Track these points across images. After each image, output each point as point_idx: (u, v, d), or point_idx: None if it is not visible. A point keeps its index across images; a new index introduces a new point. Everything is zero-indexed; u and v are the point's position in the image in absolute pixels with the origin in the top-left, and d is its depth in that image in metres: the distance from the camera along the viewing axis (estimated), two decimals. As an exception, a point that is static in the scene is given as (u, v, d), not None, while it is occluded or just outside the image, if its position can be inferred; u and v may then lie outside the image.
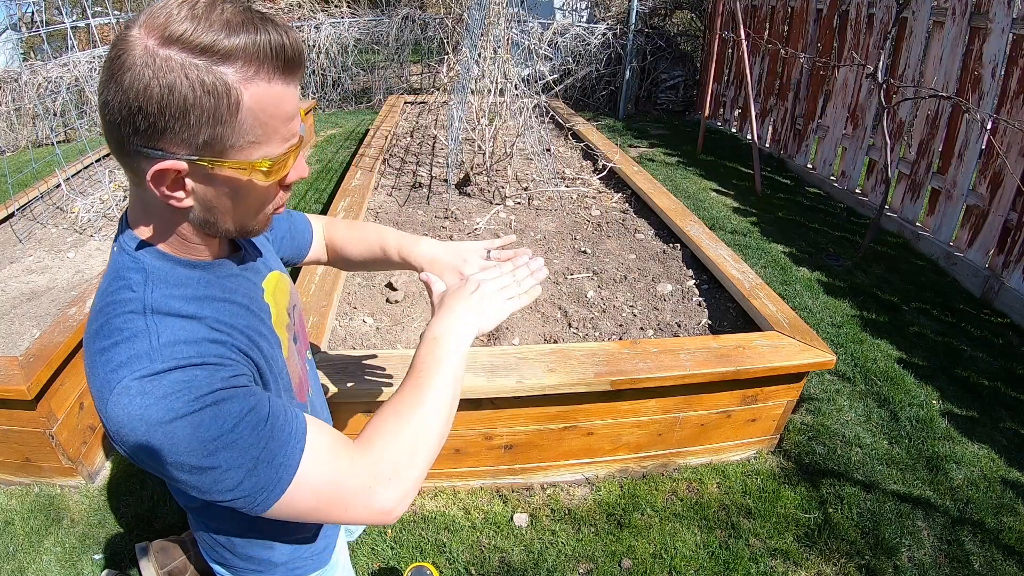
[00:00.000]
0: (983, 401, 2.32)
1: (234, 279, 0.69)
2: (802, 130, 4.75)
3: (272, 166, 0.57)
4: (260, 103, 0.53)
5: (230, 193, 0.58)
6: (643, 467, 1.94)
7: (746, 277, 2.24)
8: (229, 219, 0.61)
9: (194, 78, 0.50)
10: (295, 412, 0.63)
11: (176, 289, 0.61)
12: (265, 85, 0.53)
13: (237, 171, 0.56)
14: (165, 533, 1.69)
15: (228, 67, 0.51)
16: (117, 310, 0.58)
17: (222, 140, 0.54)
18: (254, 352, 0.65)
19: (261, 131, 0.55)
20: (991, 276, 3.02)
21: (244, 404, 0.58)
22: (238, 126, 0.53)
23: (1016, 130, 2.87)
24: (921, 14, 3.50)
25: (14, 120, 5.09)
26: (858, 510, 1.84)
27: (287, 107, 0.56)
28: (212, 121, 0.52)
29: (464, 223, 2.89)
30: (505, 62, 3.23)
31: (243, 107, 0.53)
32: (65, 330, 1.81)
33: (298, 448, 0.60)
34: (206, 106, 0.51)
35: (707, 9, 6.36)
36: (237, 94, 0.52)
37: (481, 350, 1.75)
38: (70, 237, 2.65)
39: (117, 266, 0.62)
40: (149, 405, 0.54)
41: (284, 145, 0.58)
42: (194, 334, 0.59)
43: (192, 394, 0.55)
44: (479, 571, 1.64)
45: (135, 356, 0.55)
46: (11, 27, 6.46)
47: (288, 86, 0.55)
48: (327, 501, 0.61)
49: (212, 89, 0.51)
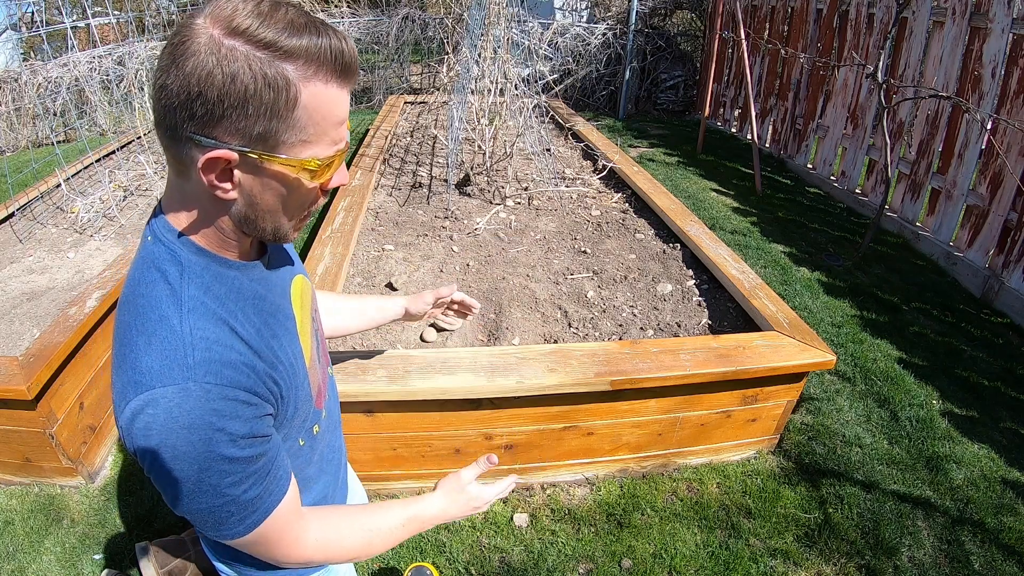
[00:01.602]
0: (983, 401, 2.32)
1: (264, 284, 0.69)
2: (802, 130, 4.75)
3: (320, 167, 0.58)
4: (316, 102, 0.55)
5: (275, 190, 0.59)
6: (643, 467, 1.94)
7: (746, 277, 2.24)
8: (268, 218, 0.62)
9: (256, 69, 0.51)
10: (286, 469, 0.67)
11: (212, 288, 0.62)
12: (322, 86, 0.55)
13: (286, 167, 0.57)
14: (165, 533, 1.69)
15: (289, 64, 0.52)
16: (152, 304, 0.59)
17: (276, 135, 0.55)
18: (279, 368, 0.66)
19: (313, 130, 0.56)
20: (991, 276, 3.02)
21: (251, 466, 0.60)
22: (293, 122, 0.54)
23: (1016, 130, 2.87)
24: (921, 14, 3.50)
25: (14, 120, 5.09)
26: (858, 510, 1.84)
27: (339, 111, 0.57)
28: (269, 114, 0.53)
29: (464, 223, 2.89)
30: (505, 62, 3.23)
31: (300, 104, 0.54)
32: (65, 330, 1.81)
33: (271, 507, 0.64)
34: (265, 98, 0.52)
35: (707, 9, 6.36)
36: (296, 91, 0.53)
37: (481, 350, 1.75)
38: (70, 237, 2.65)
39: (151, 256, 0.61)
40: (169, 429, 0.55)
41: (332, 148, 0.59)
42: (228, 352, 0.59)
43: (214, 440, 0.56)
44: (479, 571, 1.64)
45: (167, 366, 0.56)
46: (11, 27, 6.46)
47: (342, 90, 0.57)
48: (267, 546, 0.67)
49: (273, 82, 0.52)
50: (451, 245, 2.67)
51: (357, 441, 1.72)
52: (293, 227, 0.65)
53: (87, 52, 4.85)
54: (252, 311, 0.65)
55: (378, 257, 2.54)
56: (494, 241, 2.73)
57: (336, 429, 0.91)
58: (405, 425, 1.70)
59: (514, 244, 2.69)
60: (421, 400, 1.62)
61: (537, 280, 2.41)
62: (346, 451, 1.01)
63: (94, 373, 1.96)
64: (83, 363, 1.90)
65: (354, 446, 1.72)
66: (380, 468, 1.80)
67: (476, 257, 2.57)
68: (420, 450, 1.77)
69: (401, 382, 1.60)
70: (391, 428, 1.70)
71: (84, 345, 1.89)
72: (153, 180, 3.22)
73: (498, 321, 2.14)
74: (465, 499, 0.85)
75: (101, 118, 5.23)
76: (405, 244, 2.66)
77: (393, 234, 2.77)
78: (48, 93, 4.86)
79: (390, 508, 0.80)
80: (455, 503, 0.84)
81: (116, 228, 2.73)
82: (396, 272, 2.39)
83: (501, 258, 2.57)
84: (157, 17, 4.91)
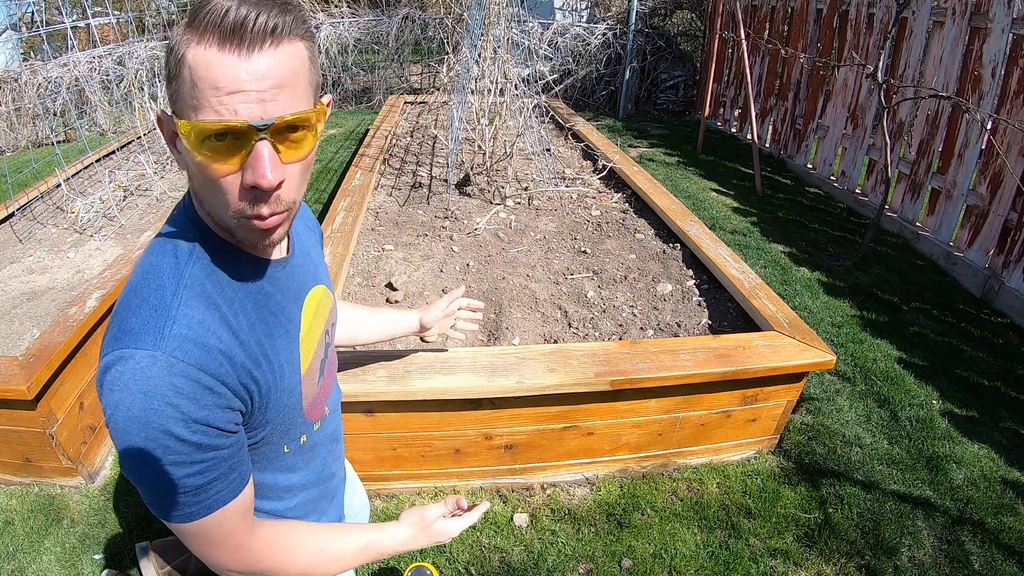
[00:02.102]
0: (983, 401, 2.32)
1: (273, 283, 0.69)
2: (802, 130, 4.75)
3: (193, 131, 0.54)
4: (195, 64, 0.53)
5: (193, 165, 0.58)
6: (643, 467, 1.94)
7: (746, 277, 2.24)
8: (204, 198, 0.61)
9: (174, 39, 0.55)
10: (242, 473, 0.65)
11: (215, 272, 0.63)
12: (201, 48, 0.53)
13: (182, 134, 0.56)
14: (165, 533, 1.69)
15: (186, 32, 0.54)
16: (155, 272, 0.62)
17: (176, 98, 0.56)
18: (263, 367, 0.65)
19: (195, 95, 0.53)
20: (991, 276, 3.02)
21: (198, 452, 0.59)
22: (182, 84, 0.54)
23: (1016, 130, 2.87)
24: (921, 14, 3.50)
25: (14, 120, 5.09)
26: (858, 510, 1.84)
27: (216, 75, 0.52)
28: (170, 77, 0.56)
29: (464, 223, 2.89)
30: (505, 62, 3.23)
31: (185, 65, 0.54)
32: (65, 330, 1.81)
33: (215, 504, 0.63)
34: (171, 64, 0.55)
35: (707, 9, 6.36)
36: (182, 52, 0.54)
37: (482, 350, 1.75)
38: (70, 237, 2.65)
39: (171, 230, 0.65)
40: (128, 389, 0.56)
41: (214, 116, 0.53)
42: (208, 336, 0.60)
43: (164, 413, 0.56)
44: (479, 571, 1.64)
45: (144, 330, 0.58)
46: (11, 27, 6.46)
47: (223, 55, 0.52)
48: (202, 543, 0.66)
49: (172, 47, 0.55)
50: (451, 245, 2.67)
51: (357, 441, 1.72)
52: (232, 219, 0.59)
53: (87, 52, 4.85)
54: (251, 305, 0.66)
55: (378, 257, 2.54)
56: (494, 241, 2.73)
57: (334, 444, 0.89)
58: (405, 425, 1.70)
59: (514, 244, 2.69)
60: (421, 400, 1.62)
61: (537, 280, 2.41)
62: (344, 467, 1.01)
63: (94, 373, 1.96)
64: (83, 363, 1.90)
65: (354, 446, 1.72)
66: (380, 468, 1.80)
67: (476, 257, 2.57)
68: (420, 450, 1.77)
69: (401, 382, 1.60)
70: (391, 428, 1.70)
71: (84, 345, 1.89)
72: (153, 180, 3.22)
73: (498, 321, 2.14)
74: (428, 535, 0.84)
75: (101, 118, 5.23)
76: (405, 244, 2.66)
77: (393, 234, 2.77)
78: (48, 93, 4.86)
79: (349, 532, 0.79)
80: (417, 538, 0.83)
81: (116, 228, 2.73)
82: (396, 272, 2.39)
83: (501, 258, 2.57)
84: (157, 17, 4.91)
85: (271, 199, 0.58)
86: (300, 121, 0.56)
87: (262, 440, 0.70)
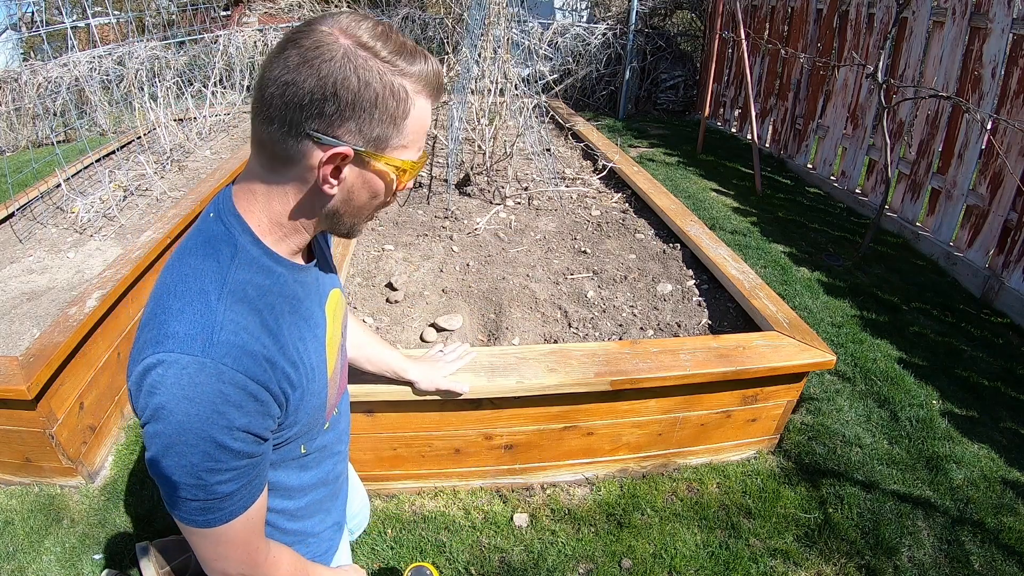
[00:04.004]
0: (983, 401, 2.32)
1: (303, 287, 0.71)
2: (802, 130, 4.75)
3: (412, 168, 0.66)
4: (419, 114, 0.63)
5: (370, 188, 0.66)
6: (643, 467, 1.94)
7: (746, 277, 2.24)
8: (354, 214, 0.68)
9: (387, 81, 0.59)
10: (263, 480, 0.66)
11: (255, 278, 0.64)
12: (425, 102, 0.64)
13: (388, 167, 0.64)
14: (165, 533, 1.69)
15: (407, 81, 0.61)
16: (196, 275, 0.61)
17: (388, 139, 0.62)
18: (300, 370, 0.67)
19: (412, 138, 0.64)
20: (991, 276, 3.02)
21: (235, 460, 0.60)
22: (402, 129, 0.62)
23: (1016, 130, 2.87)
24: (921, 14, 3.50)
25: (14, 120, 5.09)
26: (858, 510, 1.84)
27: (427, 122, 0.65)
28: (388, 120, 0.61)
29: (464, 223, 2.89)
30: (505, 62, 3.23)
31: (411, 115, 0.62)
32: (65, 330, 1.81)
33: (237, 511, 0.64)
34: (390, 106, 0.60)
35: (707, 9, 6.36)
36: (411, 103, 0.62)
37: (481, 350, 1.75)
38: (70, 237, 2.65)
39: (210, 232, 0.65)
40: (173, 394, 0.56)
41: (419, 153, 0.66)
42: (253, 342, 0.60)
43: (211, 420, 0.57)
44: (479, 571, 1.64)
45: (191, 335, 0.57)
46: (11, 27, 6.47)
47: (432, 107, 0.66)
48: (214, 546, 0.66)
49: (396, 93, 0.60)
50: (451, 245, 2.67)
51: (357, 441, 1.72)
52: (364, 224, 0.72)
53: (87, 52, 4.85)
54: (288, 310, 0.67)
55: (378, 257, 2.54)
56: (494, 241, 2.73)
57: (342, 444, 0.91)
58: (405, 425, 1.70)
59: (514, 244, 2.69)
60: (421, 400, 1.62)
61: (537, 280, 2.41)
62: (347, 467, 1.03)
63: (94, 373, 1.96)
64: (83, 363, 1.90)
65: (354, 446, 1.72)
66: (380, 468, 1.80)
67: (476, 257, 2.57)
68: (420, 450, 1.77)
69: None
70: (391, 428, 1.70)
71: (84, 345, 1.89)
72: (153, 180, 3.22)
73: (498, 321, 2.14)
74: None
75: (101, 118, 5.23)
76: (405, 244, 2.66)
77: (393, 234, 2.77)
78: (48, 93, 4.86)
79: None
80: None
81: (116, 228, 2.73)
82: (396, 272, 2.39)
83: (501, 258, 2.57)
84: (157, 17, 4.91)
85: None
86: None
87: (286, 440, 0.71)
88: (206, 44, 5.33)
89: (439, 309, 2.19)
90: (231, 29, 5.55)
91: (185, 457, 0.57)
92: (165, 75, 4.50)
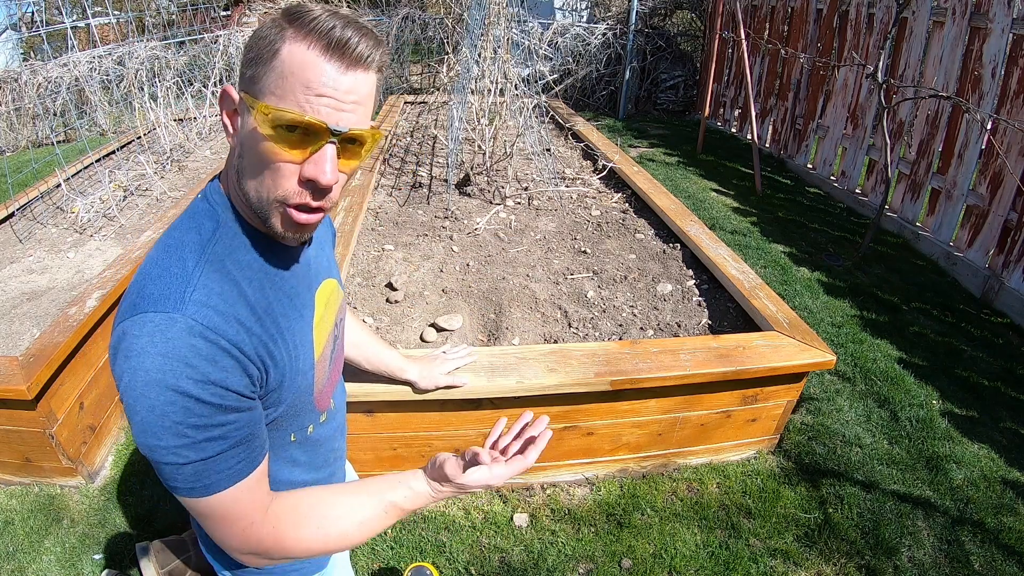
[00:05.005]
0: (983, 401, 2.32)
1: (290, 267, 0.72)
2: (802, 130, 4.75)
3: (271, 115, 0.58)
4: (292, 58, 0.59)
5: (254, 142, 0.62)
6: (643, 467, 1.94)
7: (746, 277, 2.24)
8: (249, 177, 0.64)
9: (266, 26, 0.60)
10: (259, 448, 0.66)
11: (236, 252, 0.65)
12: (303, 47, 0.58)
13: (257, 115, 0.60)
14: (165, 533, 1.69)
15: (291, 27, 0.59)
16: (177, 246, 0.64)
17: (256, 80, 0.60)
18: (279, 343, 0.67)
19: (281, 85, 0.59)
20: (991, 276, 3.02)
21: (218, 415, 0.60)
22: (268, 71, 0.59)
23: (1016, 130, 2.87)
24: (921, 14, 3.50)
25: (14, 120, 5.09)
26: (858, 510, 1.84)
27: (309, 76, 0.58)
28: (256, 61, 0.60)
29: (464, 223, 2.89)
30: (505, 62, 3.23)
31: (279, 56, 0.59)
32: (65, 330, 1.81)
33: (232, 479, 0.63)
34: (258, 45, 0.60)
35: (707, 9, 6.36)
36: (280, 43, 0.59)
37: (482, 350, 1.75)
38: (70, 237, 2.65)
39: (195, 210, 0.67)
40: (147, 351, 0.57)
41: (297, 109, 0.59)
42: (225, 304, 0.62)
43: (184, 374, 0.57)
44: (479, 571, 1.64)
45: (164, 295, 0.59)
46: (11, 27, 6.46)
47: (324, 61, 0.58)
48: (220, 522, 0.65)
49: (267, 33, 0.60)
50: (451, 245, 2.67)
51: (357, 441, 1.72)
52: (274, 207, 0.63)
53: (87, 52, 4.84)
54: (269, 285, 0.68)
55: (378, 257, 2.54)
56: (494, 241, 2.73)
57: (336, 442, 0.90)
58: (405, 425, 1.70)
59: (514, 244, 2.69)
60: (421, 400, 1.62)
61: (537, 280, 2.41)
62: (345, 468, 1.02)
63: (94, 373, 1.96)
64: (83, 363, 1.90)
65: (354, 446, 1.72)
66: (380, 468, 1.80)
67: (476, 257, 2.57)
68: (420, 450, 1.77)
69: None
70: (391, 428, 1.70)
71: (84, 345, 1.89)
72: (153, 180, 3.22)
73: (498, 321, 2.14)
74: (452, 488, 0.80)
75: (101, 118, 5.23)
76: (405, 244, 2.66)
77: (393, 234, 2.77)
78: (48, 93, 4.86)
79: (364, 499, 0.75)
80: (441, 491, 0.79)
81: (116, 228, 2.73)
82: (396, 272, 2.39)
83: (501, 258, 2.57)
84: (157, 17, 4.91)
85: (321, 194, 0.64)
86: (362, 137, 0.63)
87: (274, 422, 0.72)
88: (206, 44, 5.32)
89: (439, 309, 2.19)
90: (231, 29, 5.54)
91: (167, 417, 0.57)
92: (165, 75, 4.50)
